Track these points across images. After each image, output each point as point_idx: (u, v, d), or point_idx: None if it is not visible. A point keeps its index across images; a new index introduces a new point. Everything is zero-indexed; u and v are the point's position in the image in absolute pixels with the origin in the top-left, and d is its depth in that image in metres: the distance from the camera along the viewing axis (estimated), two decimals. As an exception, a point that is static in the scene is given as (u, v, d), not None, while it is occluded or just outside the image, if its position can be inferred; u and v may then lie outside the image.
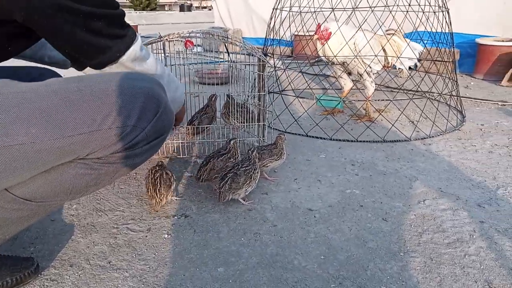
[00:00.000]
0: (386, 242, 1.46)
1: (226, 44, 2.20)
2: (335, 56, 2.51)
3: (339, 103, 2.61)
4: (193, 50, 6.42)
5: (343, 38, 2.46)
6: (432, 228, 1.55)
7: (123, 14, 1.10)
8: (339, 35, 2.47)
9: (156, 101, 1.07)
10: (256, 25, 6.11)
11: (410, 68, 4.44)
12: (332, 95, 2.83)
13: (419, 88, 2.95)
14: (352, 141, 2.46)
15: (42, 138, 0.94)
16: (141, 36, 3.24)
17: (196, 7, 30.89)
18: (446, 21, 2.74)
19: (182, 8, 29.20)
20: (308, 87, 2.70)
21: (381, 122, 2.72)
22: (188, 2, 34.46)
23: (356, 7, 2.60)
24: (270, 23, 2.98)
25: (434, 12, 2.67)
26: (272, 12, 2.96)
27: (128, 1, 32.29)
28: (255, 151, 1.73)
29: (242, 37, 6.47)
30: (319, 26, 2.49)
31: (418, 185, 1.90)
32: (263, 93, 2.17)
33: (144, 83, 1.08)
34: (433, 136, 2.52)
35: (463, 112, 2.97)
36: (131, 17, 14.16)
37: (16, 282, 1.19)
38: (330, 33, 2.47)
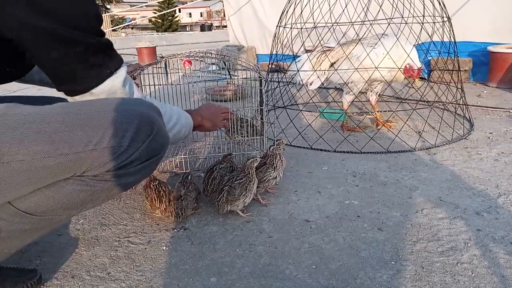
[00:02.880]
0: (379, 251, 1.47)
1: (226, 62, 2.26)
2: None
3: (341, 115, 2.64)
4: (208, 69, 6.58)
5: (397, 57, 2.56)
6: (427, 237, 1.55)
7: (107, 43, 1.11)
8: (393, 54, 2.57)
9: (150, 123, 1.14)
10: (269, 42, 6.20)
11: (422, 78, 4.43)
12: (335, 108, 2.87)
13: (424, 98, 2.95)
14: (355, 152, 2.48)
15: (41, 156, 1.02)
16: (161, 57, 3.38)
17: (216, 26, 31.49)
18: (448, 30, 2.75)
19: (202, 28, 29.87)
20: (311, 100, 2.74)
21: (386, 133, 2.73)
22: (209, 22, 35.23)
23: (375, 20, 2.62)
24: (274, 39, 3.05)
25: (434, 23, 2.69)
26: (276, 28, 3.03)
27: (150, 23, 33.31)
28: (251, 162, 1.76)
29: (256, 54, 6.60)
30: (408, 68, 2.56)
31: (417, 195, 1.91)
32: (260, 107, 2.22)
33: (140, 107, 1.15)
34: (438, 146, 2.51)
35: (472, 121, 2.94)
36: (153, 38, 14.57)
37: None
38: (420, 69, 2.55)
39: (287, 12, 2.98)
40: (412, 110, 2.65)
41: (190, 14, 41.60)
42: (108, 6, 24.58)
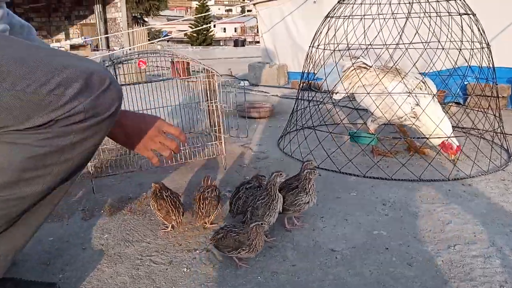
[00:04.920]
0: (407, 289, 1.40)
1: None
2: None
3: (373, 139, 2.57)
4: (239, 84, 6.62)
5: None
6: (459, 276, 1.47)
7: None
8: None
9: (101, 77, 1.07)
10: (300, 60, 6.19)
11: (458, 103, 4.30)
12: (365, 131, 2.81)
13: (460, 125, 2.85)
14: (386, 179, 2.41)
15: None
16: (193, 71, 3.41)
17: (249, 41, 31.90)
18: (486, 57, 2.66)
19: (236, 43, 30.28)
20: (341, 122, 2.69)
21: (419, 160, 2.64)
22: (242, 37, 35.71)
23: (410, 43, 2.58)
24: (306, 59, 3.03)
25: (472, 49, 2.60)
26: (309, 49, 3.01)
27: (186, 37, 34.09)
28: (274, 176, 1.72)
29: (287, 72, 6.60)
30: (447, 145, 2.55)
31: (450, 229, 1.82)
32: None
33: (92, 64, 1.09)
34: (473, 176, 2.41)
35: (510, 151, 2.81)
36: (187, 52, 14.87)
37: None
38: (459, 146, 2.54)
39: (320, 32, 2.96)
40: (446, 137, 2.55)
41: (224, 29, 42.36)
42: (145, 19, 25.32)
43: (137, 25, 19.79)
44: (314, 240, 1.74)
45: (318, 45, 2.92)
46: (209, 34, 33.09)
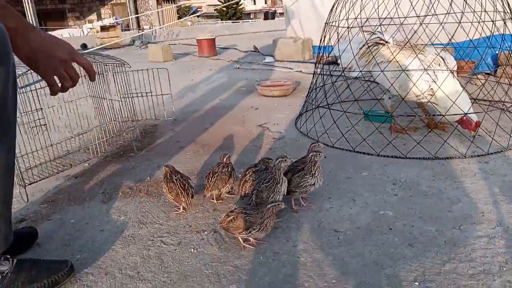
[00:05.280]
0: (405, 270, 1.43)
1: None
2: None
3: (387, 118, 2.54)
4: (264, 61, 6.59)
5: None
6: (459, 257, 1.48)
7: None
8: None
9: None
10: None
11: (488, 73, 4.14)
12: (379, 110, 2.77)
13: (486, 98, 2.76)
14: (400, 157, 2.39)
15: None
16: (221, 48, 3.44)
17: (279, 13, 31.26)
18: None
19: (266, 16, 29.80)
20: (355, 100, 2.67)
21: (437, 137, 2.59)
22: (272, 9, 35.08)
23: (435, 14, 2.51)
24: (323, 38, 3.00)
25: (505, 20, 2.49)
26: (325, 26, 2.97)
27: (216, 12, 33.85)
28: (279, 162, 1.76)
29: (313, 46, 6.49)
30: (465, 120, 2.50)
31: (459, 208, 1.81)
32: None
33: None
34: (491, 153, 2.35)
35: (535, 125, 2.71)
36: (215, 28, 14.83)
37: (52, 283, 1.39)
38: (478, 121, 2.49)
39: (336, 8, 2.90)
40: (464, 114, 2.48)
41: (254, 1, 41.67)
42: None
43: (167, 3, 19.86)
44: (319, 221, 1.78)
45: (333, 22, 2.88)
46: (239, 8, 32.63)
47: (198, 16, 35.44)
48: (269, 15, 29.74)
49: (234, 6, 32.18)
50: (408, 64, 2.51)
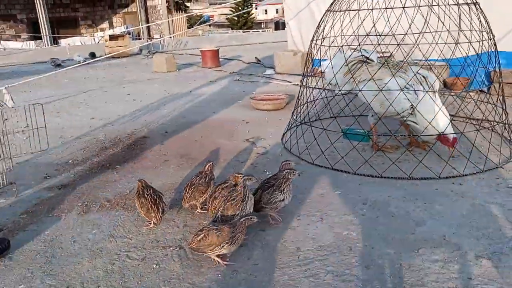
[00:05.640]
0: (355, 292, 1.46)
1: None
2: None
3: (364, 137, 2.57)
4: (264, 73, 6.65)
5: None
6: (411, 281, 1.50)
7: None
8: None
9: None
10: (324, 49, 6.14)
11: (482, 91, 4.14)
12: (358, 129, 2.80)
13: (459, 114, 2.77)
14: (376, 176, 2.42)
15: None
16: (225, 58, 3.51)
17: (290, 23, 31.38)
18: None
19: (277, 26, 29.97)
20: (335, 118, 2.71)
21: (417, 156, 2.58)
22: (283, 19, 35.28)
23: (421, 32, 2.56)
24: (308, 55, 3.05)
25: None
26: (310, 44, 3.03)
27: (227, 21, 34.19)
28: (244, 180, 1.81)
29: (313, 59, 6.53)
30: (444, 139, 2.54)
31: (421, 231, 1.83)
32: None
33: None
34: (466, 175, 2.37)
35: (515, 146, 2.71)
36: (223, 38, 14.97)
37: None
38: (455, 138, 2.53)
39: (320, 26, 2.96)
40: (439, 134, 2.50)
41: (266, 11, 42.00)
42: (187, 4, 25.65)
43: (179, 11, 20.11)
44: (284, 239, 1.82)
45: (316, 40, 2.93)
46: (250, 17, 32.92)
47: (209, 26, 35.81)
48: (279, 25, 29.91)
49: (245, 15, 32.48)
50: (388, 82, 2.55)
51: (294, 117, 3.10)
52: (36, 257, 1.76)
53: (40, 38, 14.89)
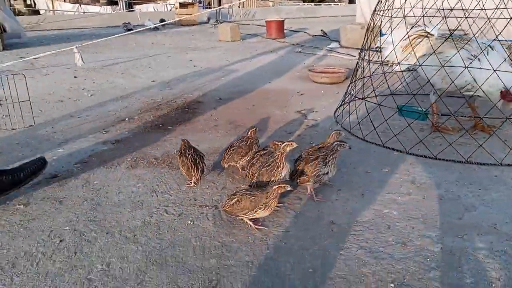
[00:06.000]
0: (385, 271, 1.39)
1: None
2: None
3: (421, 115, 2.40)
4: (329, 45, 6.45)
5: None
6: (448, 266, 1.41)
7: None
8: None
9: None
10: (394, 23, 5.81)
11: None
12: (415, 106, 2.62)
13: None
14: (430, 157, 2.28)
15: None
16: (291, 30, 3.46)
17: (365, -2, 30.02)
18: None
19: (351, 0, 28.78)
20: (391, 94, 2.56)
21: (479, 140, 2.39)
22: (358, -7, 33.76)
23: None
24: (369, 25, 2.90)
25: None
26: (372, 15, 2.87)
27: (298, -7, 33.53)
28: (284, 146, 1.77)
29: (381, 33, 6.22)
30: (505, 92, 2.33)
31: (470, 217, 1.70)
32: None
33: None
34: (533, 164, 2.15)
35: None
36: (291, 10, 14.69)
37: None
38: None
39: (385, -3, 2.78)
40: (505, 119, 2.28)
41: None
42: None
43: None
44: (319, 211, 1.78)
45: (380, 11, 2.76)
46: (323, -10, 31.95)
47: (281, -3, 35.26)
48: (354, -1, 28.73)
49: (318, -12, 31.58)
50: (452, 56, 2.36)
51: (349, 91, 2.98)
52: (83, 203, 1.87)
53: (116, 3, 15.54)
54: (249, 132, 2.11)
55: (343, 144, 1.89)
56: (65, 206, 1.85)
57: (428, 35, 2.57)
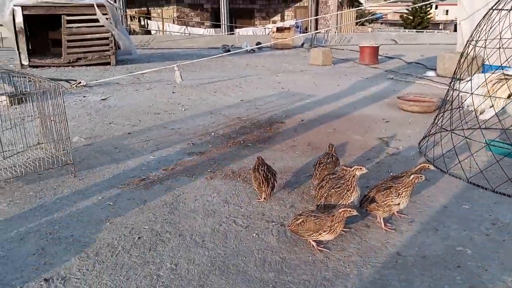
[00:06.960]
0: (447, 309, 1.33)
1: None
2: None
3: (511, 152, 2.22)
4: (424, 73, 6.20)
5: None
6: (520, 316, 1.30)
7: None
8: None
9: None
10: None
11: None
12: (505, 142, 2.43)
13: None
14: (519, 198, 2.10)
15: None
16: (387, 56, 3.48)
17: (473, 25, 28.25)
18: None
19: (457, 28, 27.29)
20: (479, 127, 2.42)
21: None
22: (465, 20, 31.87)
23: None
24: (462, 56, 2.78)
25: None
26: (465, 44, 2.75)
27: (400, 19, 32.59)
28: (354, 169, 1.78)
29: (484, 64, 5.84)
30: None
31: (557, 267, 1.55)
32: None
33: None
34: None
35: None
36: (390, 36, 14.35)
37: None
38: None
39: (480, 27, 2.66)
40: None
41: (446, 11, 38.53)
42: (361, 1, 25.25)
43: (350, 7, 19.97)
44: (386, 240, 1.74)
45: (475, 40, 2.64)
46: (426, 17, 30.70)
47: (381, 23, 34.56)
48: (459, 27, 27.15)
49: (422, 14, 30.46)
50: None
51: (436, 121, 2.86)
52: (163, 206, 2.05)
53: (219, 26, 16.56)
54: (329, 148, 2.27)
55: (420, 176, 1.84)
56: (147, 207, 2.05)
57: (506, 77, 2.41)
